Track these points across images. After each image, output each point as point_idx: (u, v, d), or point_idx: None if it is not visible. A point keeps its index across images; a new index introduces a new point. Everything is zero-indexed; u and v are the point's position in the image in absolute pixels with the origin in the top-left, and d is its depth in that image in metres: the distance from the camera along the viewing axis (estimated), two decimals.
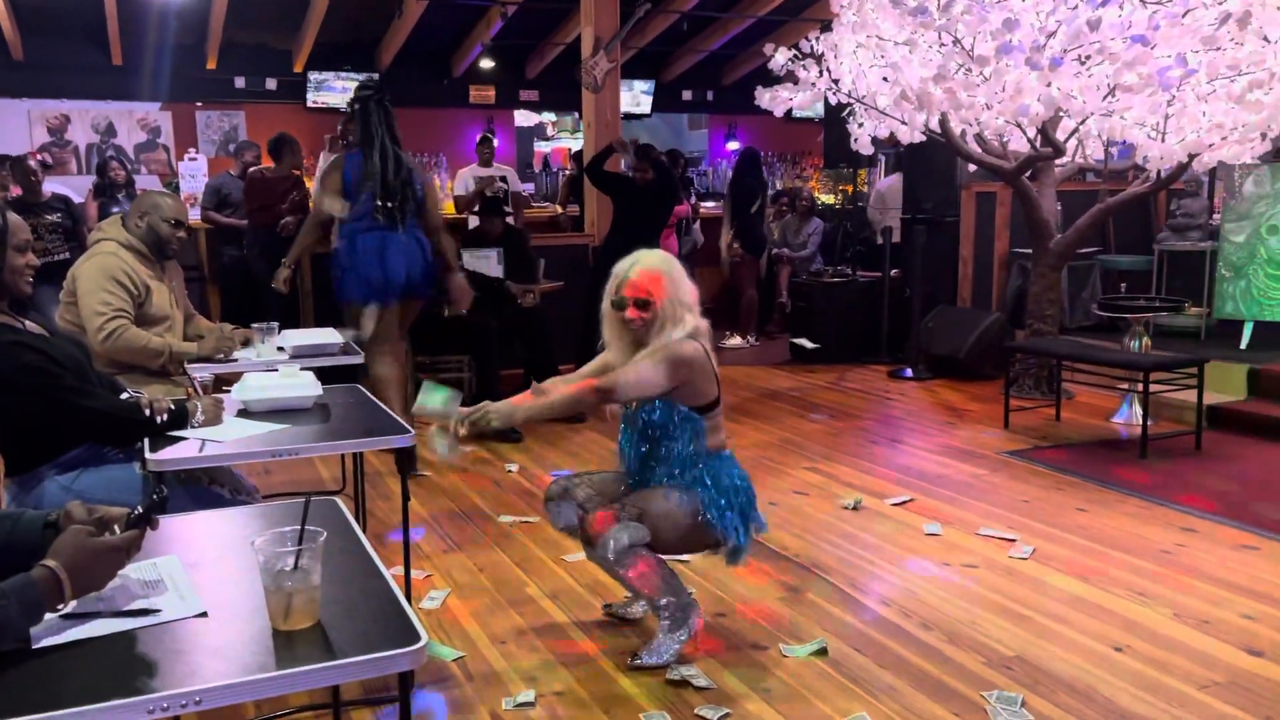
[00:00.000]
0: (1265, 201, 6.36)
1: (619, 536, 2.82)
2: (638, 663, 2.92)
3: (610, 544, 2.82)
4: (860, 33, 6.00)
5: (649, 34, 10.73)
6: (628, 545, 2.82)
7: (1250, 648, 2.96)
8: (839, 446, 5.34)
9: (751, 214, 8.61)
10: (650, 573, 2.88)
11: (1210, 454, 5.01)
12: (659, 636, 2.95)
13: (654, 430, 2.93)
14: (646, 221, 6.50)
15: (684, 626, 2.95)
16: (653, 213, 6.60)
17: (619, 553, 2.82)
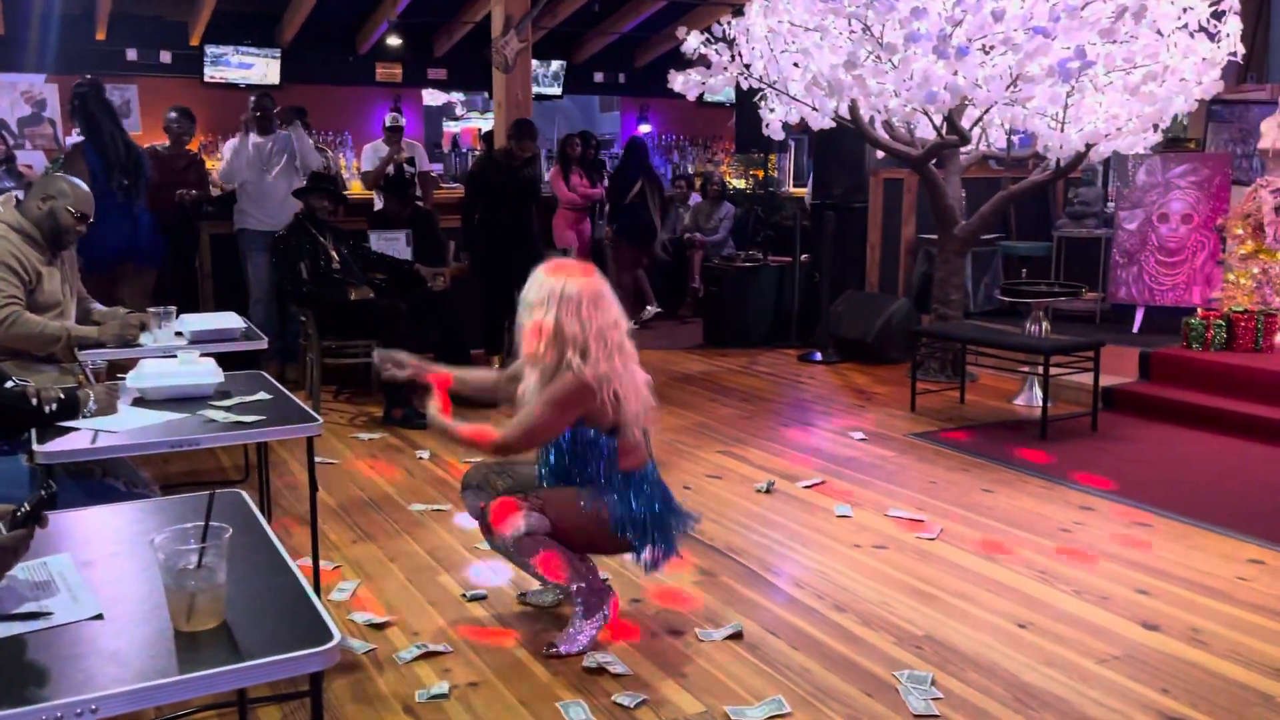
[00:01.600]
0: (1156, 191, 6.60)
1: (516, 524, 2.79)
2: (553, 651, 2.90)
3: (507, 533, 2.79)
4: (772, 18, 6.03)
5: (560, 14, 10.60)
6: (524, 532, 2.79)
7: (1146, 622, 3.08)
8: (751, 430, 5.38)
9: (627, 203, 8.61)
10: (555, 559, 2.85)
11: (1106, 434, 5.19)
12: (573, 624, 2.94)
13: (564, 455, 2.90)
14: (523, 203, 6.46)
15: (598, 613, 2.94)
16: (526, 192, 6.52)
17: (516, 541, 2.80)
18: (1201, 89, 5.59)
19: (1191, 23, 5.56)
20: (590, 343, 2.74)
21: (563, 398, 2.75)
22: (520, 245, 6.36)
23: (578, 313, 2.76)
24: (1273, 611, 3.14)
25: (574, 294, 2.77)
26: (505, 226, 6.30)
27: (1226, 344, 5.77)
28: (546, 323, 2.75)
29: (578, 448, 2.87)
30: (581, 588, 2.91)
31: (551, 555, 2.84)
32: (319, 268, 5.63)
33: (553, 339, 2.75)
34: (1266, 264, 5.92)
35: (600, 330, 2.76)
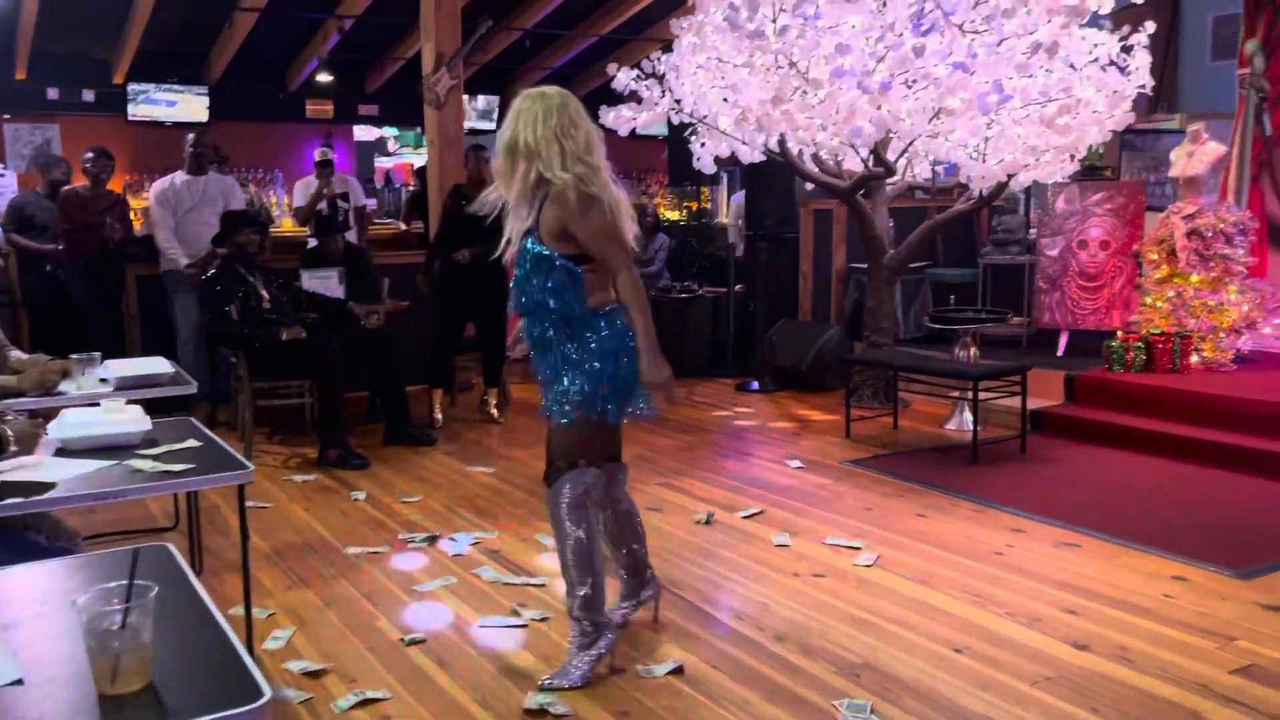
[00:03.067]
0: (1075, 218, 6.81)
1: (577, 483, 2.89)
2: (547, 683, 2.89)
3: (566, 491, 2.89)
4: (700, 54, 6.13)
5: (492, 50, 10.66)
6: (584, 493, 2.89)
7: (1076, 642, 3.15)
8: (690, 461, 5.40)
9: None
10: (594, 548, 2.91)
11: (1034, 456, 5.31)
12: (569, 655, 2.94)
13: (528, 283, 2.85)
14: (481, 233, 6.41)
15: (595, 646, 2.93)
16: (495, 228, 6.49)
17: (573, 504, 2.89)
18: (1114, 120, 5.80)
19: (1102, 57, 5.79)
20: (551, 151, 2.73)
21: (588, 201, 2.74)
22: (479, 281, 6.33)
23: (533, 125, 2.74)
24: (1197, 628, 3.23)
25: (529, 108, 2.77)
26: (470, 264, 6.24)
27: (1146, 366, 5.95)
28: (512, 137, 2.77)
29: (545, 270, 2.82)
30: (587, 596, 2.90)
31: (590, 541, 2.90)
32: (249, 308, 5.55)
33: (514, 152, 2.76)
34: (1180, 288, 6.13)
35: (559, 138, 2.74)
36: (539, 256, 2.82)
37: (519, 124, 2.77)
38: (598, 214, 2.75)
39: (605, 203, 2.76)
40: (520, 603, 3.52)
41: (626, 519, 3.20)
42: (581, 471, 2.92)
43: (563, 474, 2.94)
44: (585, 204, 2.74)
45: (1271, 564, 3.74)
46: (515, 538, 4.23)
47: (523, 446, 5.79)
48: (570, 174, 2.73)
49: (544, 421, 3.04)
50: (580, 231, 2.76)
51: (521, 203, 2.82)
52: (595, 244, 2.78)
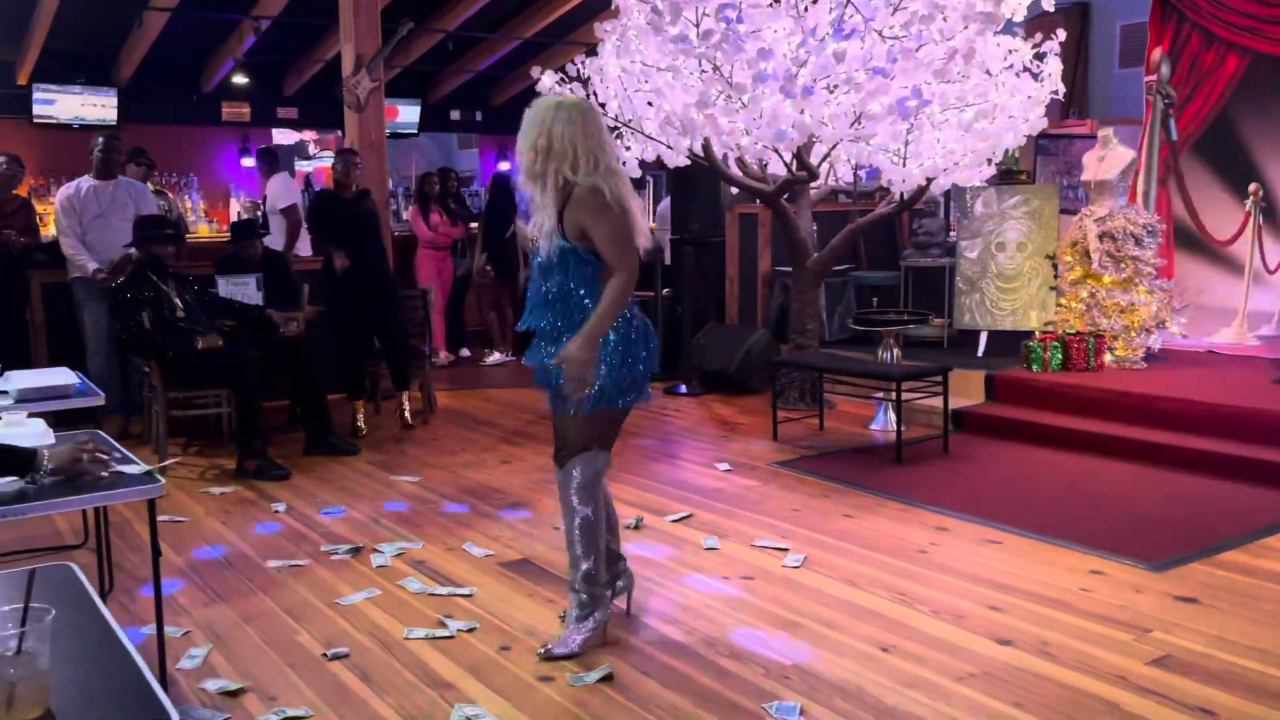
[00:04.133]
0: (993, 221, 6.96)
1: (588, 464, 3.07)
2: (546, 652, 3.08)
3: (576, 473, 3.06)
4: (624, 58, 6.12)
5: (413, 53, 10.52)
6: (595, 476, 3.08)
7: (1000, 638, 3.20)
8: (619, 465, 5.35)
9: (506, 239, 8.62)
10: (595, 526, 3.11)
11: (956, 455, 5.40)
12: (567, 626, 3.14)
13: (551, 276, 3.01)
14: (369, 238, 6.32)
15: (592, 617, 3.13)
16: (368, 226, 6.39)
17: (583, 485, 3.07)
18: (1029, 125, 5.94)
19: (1017, 64, 5.92)
20: (579, 156, 2.92)
21: (610, 204, 2.92)
22: (373, 283, 6.23)
23: (561, 130, 2.92)
24: (1115, 620, 3.31)
25: (556, 115, 2.94)
26: (354, 264, 6.14)
27: (1062, 365, 6.10)
28: (540, 142, 2.94)
29: (568, 264, 2.97)
30: (590, 571, 3.10)
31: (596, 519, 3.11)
32: (162, 316, 5.38)
33: (545, 155, 2.94)
34: (1094, 288, 6.29)
35: (586, 142, 2.93)
36: (565, 250, 2.98)
37: (548, 128, 2.93)
38: (612, 220, 2.94)
39: (621, 210, 2.95)
40: (447, 614, 3.46)
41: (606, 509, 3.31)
42: (594, 454, 3.10)
43: (574, 456, 3.08)
44: (602, 209, 2.93)
45: (1183, 556, 3.84)
46: (441, 548, 4.16)
47: (447, 454, 5.71)
48: (593, 179, 2.93)
49: (551, 409, 3.20)
50: (594, 234, 2.95)
51: (548, 202, 2.98)
52: (605, 247, 2.95)
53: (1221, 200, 7.12)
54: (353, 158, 6.42)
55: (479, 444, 5.95)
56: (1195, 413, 5.23)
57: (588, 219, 2.93)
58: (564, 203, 2.96)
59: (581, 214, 2.93)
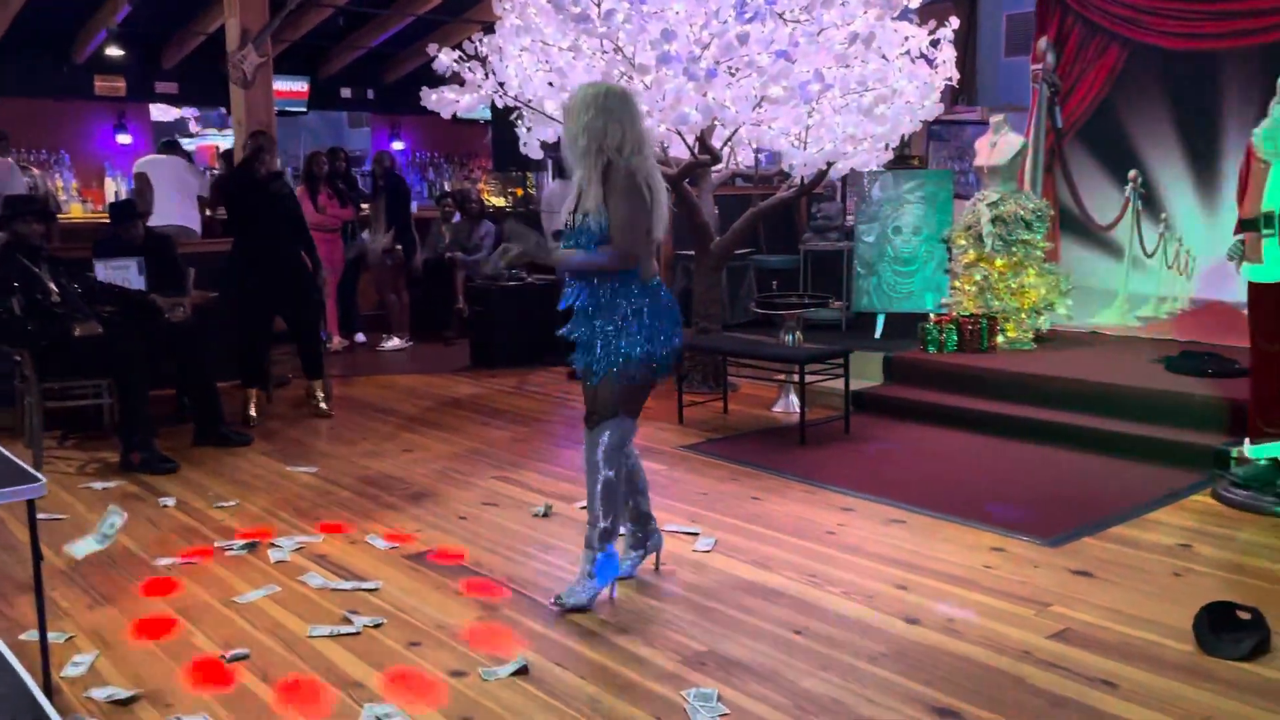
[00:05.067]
0: (890, 205, 7.09)
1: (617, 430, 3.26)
2: (558, 603, 3.28)
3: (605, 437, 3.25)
4: (524, 36, 6.00)
5: (302, 28, 10.16)
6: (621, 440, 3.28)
7: (909, 617, 3.25)
8: (526, 452, 5.31)
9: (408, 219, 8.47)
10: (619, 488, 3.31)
11: (858, 436, 5.49)
12: (580, 580, 3.32)
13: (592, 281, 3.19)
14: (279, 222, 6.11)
15: (610, 575, 3.32)
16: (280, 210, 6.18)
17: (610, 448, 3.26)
18: (925, 111, 6.06)
19: (913, 49, 6.03)
20: (625, 140, 3.11)
21: (630, 187, 3.09)
22: (283, 269, 6.00)
23: (605, 114, 3.09)
24: (1016, 596, 3.40)
25: (604, 99, 3.12)
26: (262, 249, 5.91)
27: (957, 346, 6.26)
28: (593, 122, 3.09)
29: None
30: (605, 530, 3.28)
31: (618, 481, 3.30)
32: (34, 302, 5.07)
33: (593, 139, 3.10)
34: (987, 271, 6.46)
35: (632, 128, 3.12)
36: (605, 229, 3.12)
37: (596, 113, 3.10)
38: (635, 206, 3.11)
39: (648, 199, 3.13)
40: (352, 609, 3.35)
41: (630, 474, 3.46)
42: (622, 420, 3.29)
43: (607, 420, 3.26)
44: (630, 192, 3.10)
45: (1077, 531, 3.98)
46: (343, 540, 4.03)
47: (346, 443, 5.54)
48: (633, 163, 3.12)
49: (582, 380, 3.38)
50: (613, 210, 3.10)
51: (593, 182, 3.15)
52: (616, 225, 3.11)
53: (1103, 186, 7.39)
54: (264, 138, 6.18)
55: (379, 432, 5.80)
56: (1082, 391, 5.42)
57: (615, 197, 3.10)
58: (605, 183, 3.13)
59: (612, 193, 3.11)
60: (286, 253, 6.05)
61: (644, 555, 3.59)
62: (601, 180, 3.13)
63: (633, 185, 3.10)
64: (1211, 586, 3.43)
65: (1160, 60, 6.99)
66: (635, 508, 3.51)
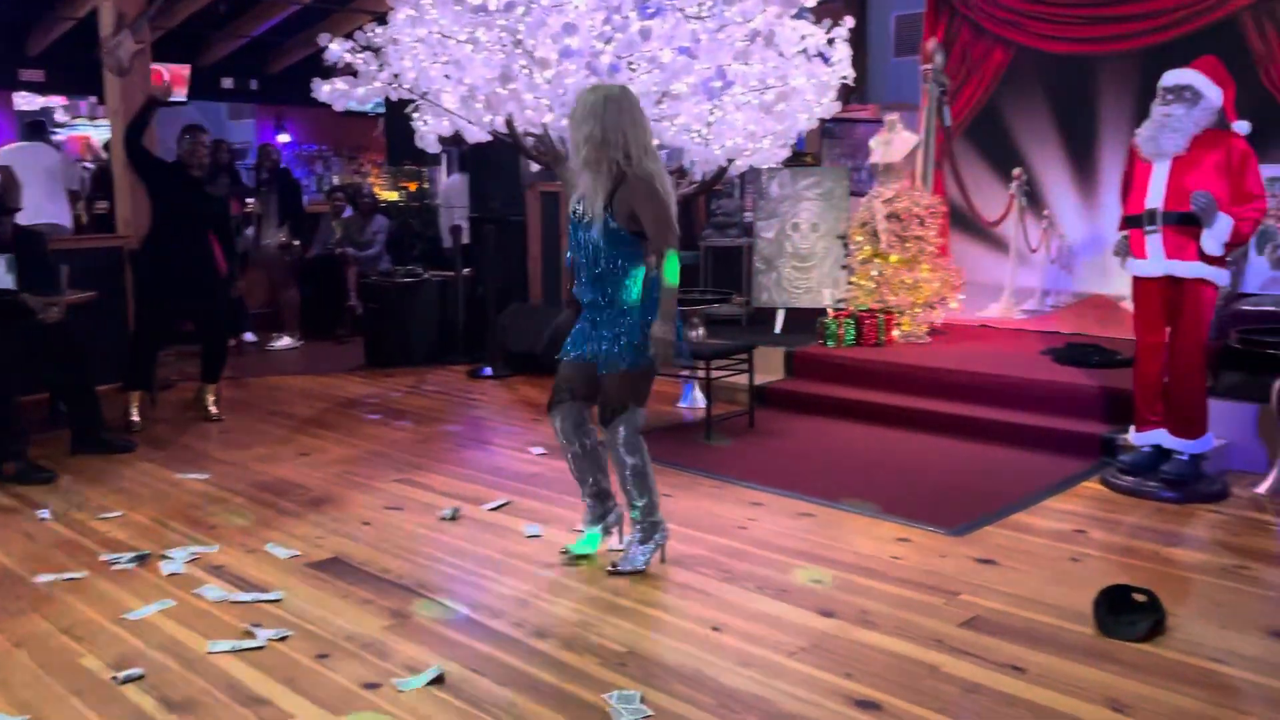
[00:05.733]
0: (788, 202, 7.17)
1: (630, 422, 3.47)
2: (614, 570, 3.53)
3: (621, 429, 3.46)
4: (420, 27, 5.86)
5: (180, 14, 9.73)
6: (636, 429, 3.49)
7: (823, 610, 3.28)
8: (428, 454, 5.18)
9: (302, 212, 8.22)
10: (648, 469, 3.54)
11: (762, 431, 5.54)
12: (630, 548, 3.57)
13: (600, 252, 3.39)
14: (199, 215, 5.87)
15: (652, 540, 3.57)
16: (204, 205, 5.95)
17: (628, 438, 3.48)
18: (823, 108, 6.13)
19: (810, 47, 6.10)
20: (630, 144, 3.32)
21: (661, 195, 3.35)
22: (193, 270, 5.75)
23: (614, 120, 3.30)
24: (925, 585, 3.46)
25: (606, 104, 3.32)
26: (179, 249, 5.69)
27: (855, 340, 6.37)
28: (594, 132, 3.30)
29: (613, 243, 3.37)
30: (648, 503, 3.53)
31: (644, 464, 3.53)
32: None
33: (599, 145, 3.30)
34: (882, 267, 6.60)
35: (640, 133, 3.36)
36: (611, 231, 3.36)
37: (601, 120, 3.31)
38: (659, 204, 3.33)
39: (665, 195, 3.36)
40: (254, 622, 3.20)
41: (593, 453, 3.65)
42: (633, 412, 3.49)
43: (619, 415, 3.47)
44: (651, 195, 3.33)
45: (979, 520, 4.09)
46: (241, 550, 3.86)
47: (238, 448, 5.32)
48: (644, 167, 3.34)
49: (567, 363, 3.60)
50: (644, 216, 3.33)
51: (599, 186, 3.35)
52: (652, 227, 3.34)
53: (990, 183, 7.63)
54: (200, 134, 5.95)
55: (273, 436, 5.59)
56: (977, 383, 5.58)
57: (639, 203, 3.32)
58: (614, 187, 3.34)
59: (633, 199, 3.32)
60: (202, 254, 5.84)
61: (605, 531, 3.75)
62: (612, 188, 3.33)
63: (652, 190, 3.33)
64: (1106, 570, 3.56)
65: (1042, 63, 7.25)
66: (595, 485, 3.68)
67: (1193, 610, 3.25)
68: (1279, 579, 3.52)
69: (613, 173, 3.34)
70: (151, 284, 5.77)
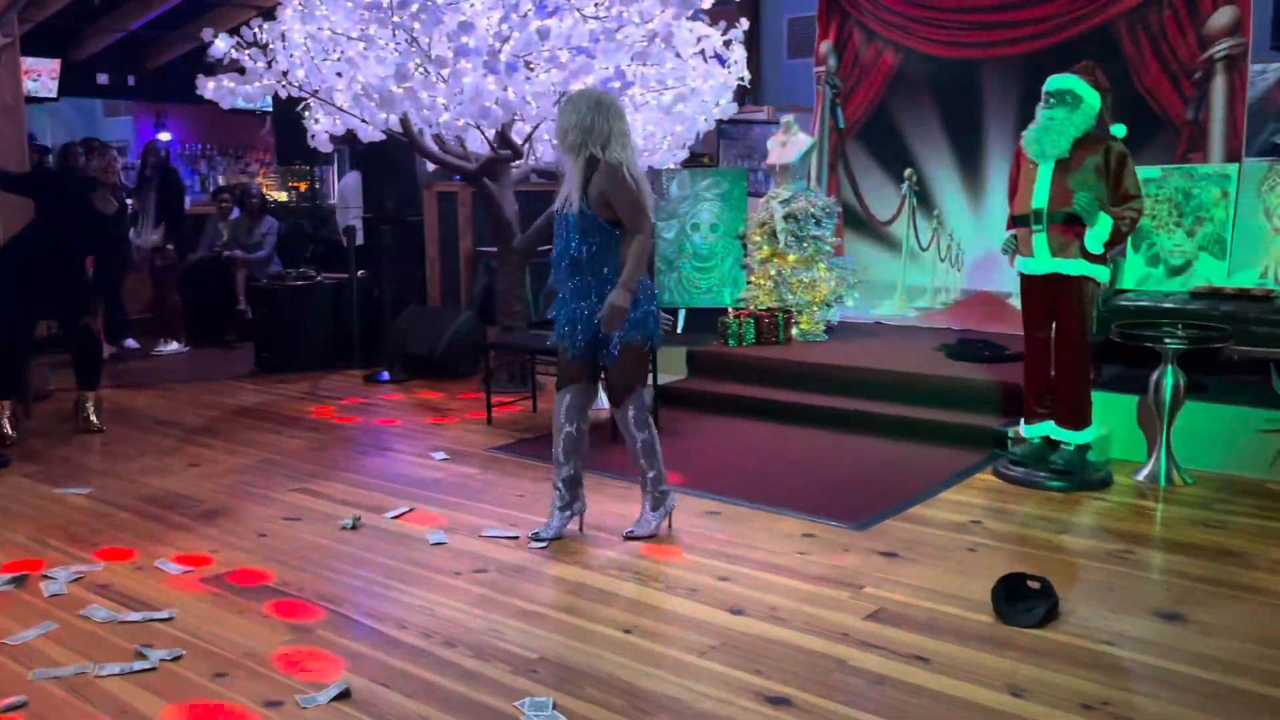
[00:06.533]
0: (688, 202, 7.22)
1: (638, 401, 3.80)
2: (630, 534, 3.89)
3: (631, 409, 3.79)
4: (310, 23, 5.71)
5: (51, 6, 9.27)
6: (643, 406, 3.83)
7: (733, 608, 3.30)
8: (325, 461, 5.05)
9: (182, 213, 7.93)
10: (655, 443, 3.86)
11: (667, 430, 5.54)
12: (644, 514, 3.92)
13: (579, 239, 3.63)
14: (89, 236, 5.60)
15: (663, 506, 3.92)
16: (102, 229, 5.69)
17: (637, 416, 3.81)
18: (720, 110, 6.20)
19: (707, 49, 6.15)
20: (611, 137, 3.60)
21: (628, 180, 3.60)
22: (59, 272, 5.46)
23: (593, 114, 3.59)
24: (830, 580, 3.52)
25: (592, 103, 3.62)
26: (52, 257, 5.40)
27: (755, 339, 6.44)
28: (582, 124, 3.58)
29: (592, 230, 3.62)
30: (657, 475, 3.86)
31: (653, 438, 3.86)
32: None
33: (581, 136, 3.58)
34: (780, 266, 6.69)
35: (618, 129, 3.62)
36: (586, 217, 3.61)
37: (587, 114, 3.59)
38: (629, 190, 3.60)
39: (636, 183, 3.62)
40: (145, 643, 3.06)
41: (583, 439, 3.90)
42: (639, 392, 3.82)
43: (627, 395, 3.78)
44: (621, 182, 3.59)
45: (880, 513, 4.17)
46: (129, 567, 3.69)
47: (123, 460, 5.10)
48: (616, 157, 3.59)
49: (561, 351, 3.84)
50: (615, 202, 3.60)
51: (576, 173, 3.63)
52: (625, 212, 3.62)
53: (882, 184, 7.81)
54: (110, 152, 5.85)
55: (160, 446, 5.36)
56: (874, 380, 5.70)
57: (610, 189, 3.58)
58: (589, 175, 3.60)
59: (605, 185, 3.58)
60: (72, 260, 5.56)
61: (572, 516, 3.95)
62: (584, 172, 3.60)
63: (618, 176, 3.57)
64: (1002, 559, 3.68)
65: (930, 66, 7.46)
66: (574, 470, 3.87)
67: (1083, 595, 3.38)
68: (1160, 562, 3.69)
69: (587, 160, 3.60)
70: (12, 283, 5.43)
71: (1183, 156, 6.23)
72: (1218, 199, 5.32)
